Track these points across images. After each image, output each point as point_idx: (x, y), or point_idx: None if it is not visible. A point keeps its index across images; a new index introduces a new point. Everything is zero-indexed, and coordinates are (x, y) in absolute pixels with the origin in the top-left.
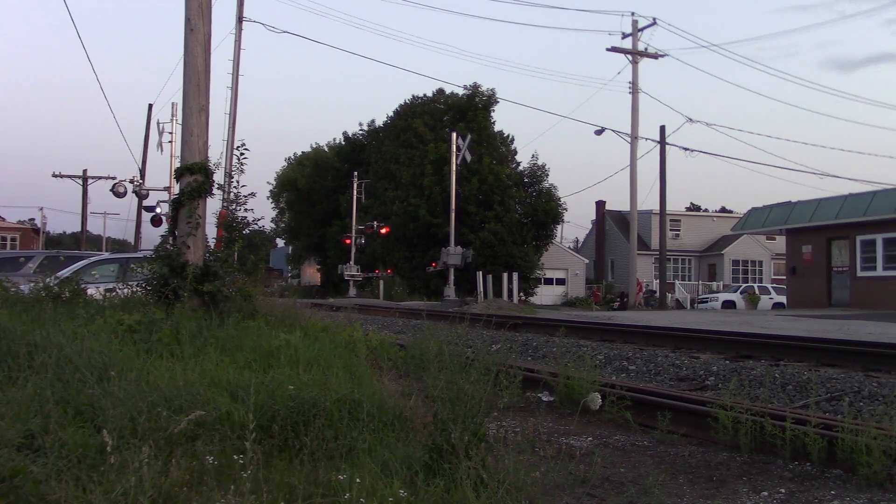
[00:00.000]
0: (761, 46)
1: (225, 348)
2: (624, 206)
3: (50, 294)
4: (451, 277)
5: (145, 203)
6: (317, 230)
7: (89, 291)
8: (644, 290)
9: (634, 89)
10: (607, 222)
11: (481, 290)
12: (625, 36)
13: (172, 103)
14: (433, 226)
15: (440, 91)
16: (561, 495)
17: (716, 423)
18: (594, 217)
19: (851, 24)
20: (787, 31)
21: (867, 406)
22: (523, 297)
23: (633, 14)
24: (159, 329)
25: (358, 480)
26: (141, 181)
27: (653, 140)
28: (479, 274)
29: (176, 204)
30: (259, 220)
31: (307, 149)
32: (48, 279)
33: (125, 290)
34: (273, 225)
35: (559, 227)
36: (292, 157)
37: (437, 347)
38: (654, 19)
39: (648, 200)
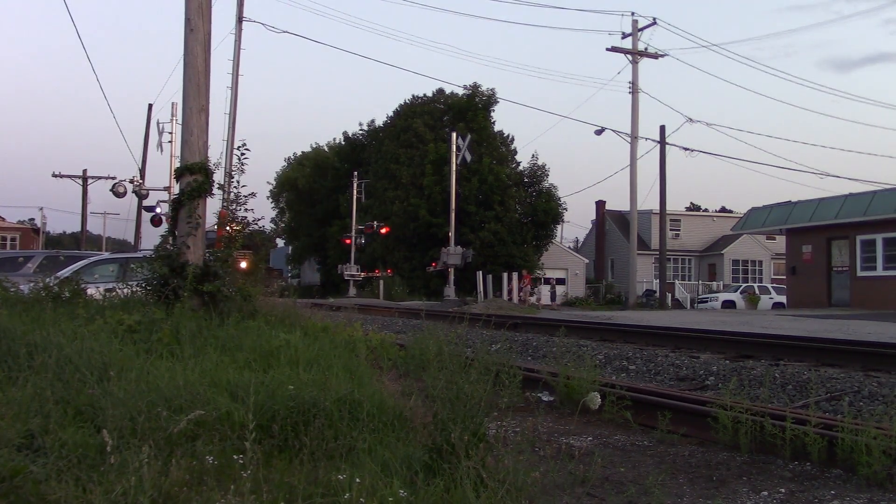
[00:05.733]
0: (759, 46)
1: (225, 348)
2: (624, 206)
3: (50, 294)
4: (451, 277)
5: (145, 203)
6: (317, 230)
7: (89, 291)
8: (530, 283)
9: (634, 89)
10: (607, 222)
11: (481, 289)
12: (625, 36)
13: (172, 103)
14: (433, 226)
15: (440, 91)
16: (561, 495)
17: (716, 423)
18: (594, 217)
19: (849, 24)
20: (785, 31)
21: (867, 406)
22: (526, 298)
23: (633, 14)
24: (159, 329)
25: (358, 480)
26: (141, 181)
27: (653, 140)
28: (479, 274)
29: (176, 204)
30: (259, 220)
31: (307, 149)
32: (48, 279)
33: (125, 290)
34: (273, 225)
35: (559, 227)
36: (292, 157)
37: (437, 347)
38: (654, 19)
39: (648, 200)
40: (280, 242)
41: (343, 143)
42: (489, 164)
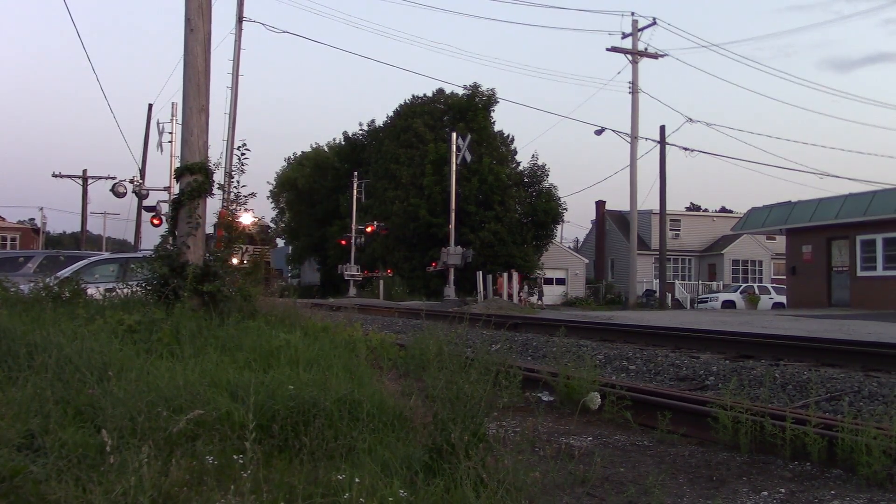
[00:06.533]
0: (759, 46)
1: (225, 348)
2: (624, 206)
3: (50, 294)
4: (451, 277)
5: (145, 203)
6: (317, 230)
7: (89, 291)
8: (519, 282)
9: (634, 89)
10: (607, 222)
11: (481, 289)
12: (625, 36)
13: (172, 103)
14: (433, 226)
15: (440, 91)
16: (561, 495)
17: (716, 423)
18: (594, 217)
19: (849, 24)
20: (785, 31)
21: (867, 406)
22: (524, 297)
23: (633, 14)
24: (159, 329)
25: (358, 480)
26: (141, 181)
27: (653, 140)
28: (480, 274)
29: (176, 204)
30: (261, 218)
31: (307, 149)
32: (48, 279)
33: (125, 290)
34: (273, 225)
35: (559, 227)
36: (292, 157)
37: (437, 347)
38: (654, 19)
39: (648, 200)
40: (280, 242)
41: (343, 143)
42: (489, 164)
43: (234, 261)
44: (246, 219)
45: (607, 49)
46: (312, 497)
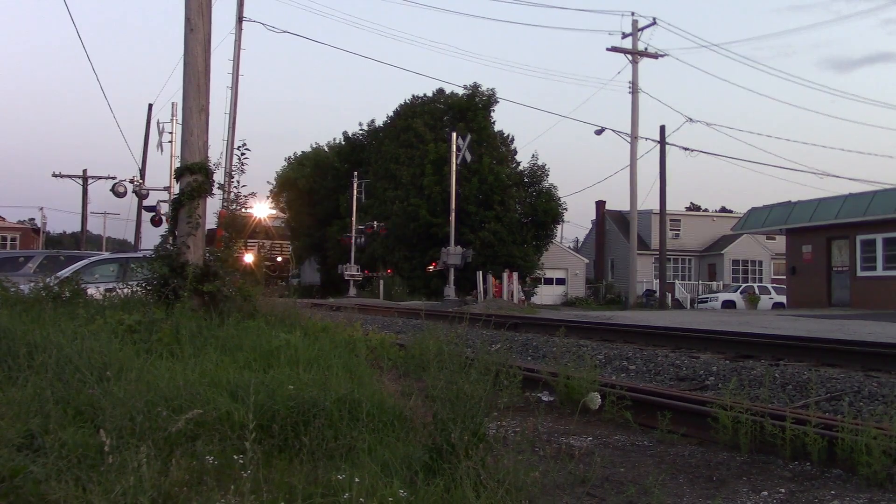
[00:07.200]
0: (759, 46)
1: (225, 348)
2: (624, 206)
3: (50, 294)
4: (451, 277)
5: (145, 203)
6: (317, 230)
7: (89, 291)
8: (502, 289)
9: (634, 89)
10: (607, 222)
11: (481, 289)
12: (625, 36)
13: (172, 103)
14: (433, 226)
15: (440, 91)
16: (561, 495)
17: (716, 423)
18: (594, 217)
19: (848, 24)
20: (784, 31)
21: (867, 406)
22: (523, 297)
23: (633, 14)
24: (159, 329)
25: (358, 480)
26: (141, 181)
27: (653, 140)
28: (480, 274)
29: (176, 204)
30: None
31: (307, 149)
32: (48, 279)
33: (125, 290)
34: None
35: (559, 227)
36: (292, 157)
37: (437, 347)
38: (654, 19)
39: (648, 200)
40: None
41: (343, 143)
42: (489, 164)
43: (251, 257)
44: (261, 211)
45: (607, 49)
46: (312, 497)
